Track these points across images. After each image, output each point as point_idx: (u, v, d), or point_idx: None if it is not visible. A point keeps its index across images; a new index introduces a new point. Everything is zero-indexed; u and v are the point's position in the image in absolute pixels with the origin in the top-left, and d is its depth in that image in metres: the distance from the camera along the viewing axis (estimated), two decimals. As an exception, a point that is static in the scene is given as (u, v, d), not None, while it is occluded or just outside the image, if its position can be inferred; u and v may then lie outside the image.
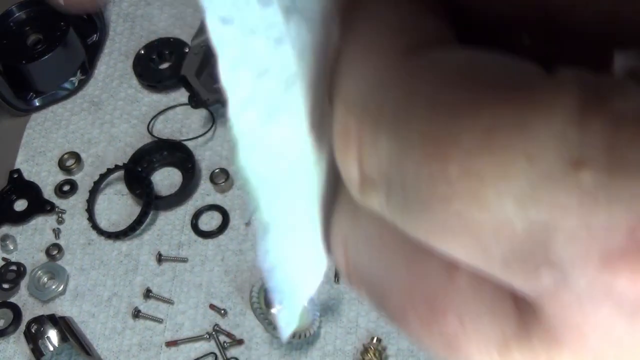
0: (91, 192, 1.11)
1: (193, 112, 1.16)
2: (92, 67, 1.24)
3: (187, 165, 1.12)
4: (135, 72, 1.21)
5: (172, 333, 1.01)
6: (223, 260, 1.05)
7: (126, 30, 1.27)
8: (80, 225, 1.10)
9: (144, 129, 1.17)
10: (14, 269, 1.07)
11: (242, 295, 1.02)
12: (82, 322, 1.03)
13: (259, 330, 0.99)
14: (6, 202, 1.12)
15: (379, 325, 0.99)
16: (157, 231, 1.09)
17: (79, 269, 1.07)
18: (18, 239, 1.10)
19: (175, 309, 1.03)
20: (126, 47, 1.25)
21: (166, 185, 1.13)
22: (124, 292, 1.05)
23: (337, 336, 0.99)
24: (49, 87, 1.21)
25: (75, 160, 1.15)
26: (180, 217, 1.09)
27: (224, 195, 1.10)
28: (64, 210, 1.11)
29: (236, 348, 0.99)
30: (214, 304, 1.02)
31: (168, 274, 1.05)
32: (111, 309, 1.04)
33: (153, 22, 1.27)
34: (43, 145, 1.18)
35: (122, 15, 1.29)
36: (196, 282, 1.04)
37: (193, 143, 1.14)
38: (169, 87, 1.20)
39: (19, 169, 1.15)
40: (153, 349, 1.01)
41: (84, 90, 1.22)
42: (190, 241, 1.07)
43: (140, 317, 1.02)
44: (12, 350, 1.02)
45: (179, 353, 1.00)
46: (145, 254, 1.07)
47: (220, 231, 1.07)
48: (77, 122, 1.20)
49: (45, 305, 1.05)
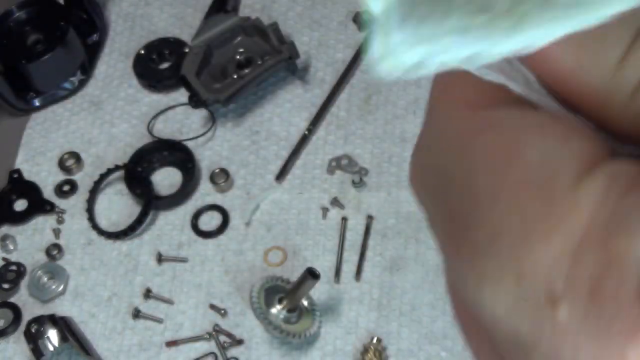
0: (91, 192, 1.11)
1: (193, 112, 1.16)
2: (92, 67, 1.24)
3: (187, 165, 1.12)
4: (135, 72, 1.21)
5: (172, 333, 1.01)
6: (223, 260, 1.05)
7: (126, 30, 1.27)
8: (80, 225, 1.10)
9: (144, 129, 1.17)
10: (14, 269, 1.07)
11: (242, 295, 1.02)
12: (82, 322, 1.03)
13: (259, 330, 0.99)
14: (6, 202, 1.12)
15: (379, 325, 0.99)
16: (157, 231, 1.09)
17: (79, 269, 1.07)
18: (18, 239, 1.10)
19: (175, 309, 1.03)
20: (126, 47, 1.25)
21: (166, 185, 1.13)
22: (124, 292, 1.05)
23: (337, 336, 0.99)
24: (49, 87, 1.21)
25: (75, 160, 1.15)
26: (180, 217, 1.09)
27: (224, 195, 1.10)
28: (64, 210, 1.11)
29: (236, 348, 0.99)
30: (214, 304, 1.02)
31: (168, 274, 1.05)
32: (111, 309, 1.04)
33: (153, 22, 1.27)
34: (43, 145, 1.18)
35: (122, 15, 1.29)
36: (196, 282, 1.04)
37: (193, 143, 1.14)
38: (169, 87, 1.20)
39: (19, 169, 1.15)
40: (153, 349, 1.01)
41: (84, 90, 1.22)
42: (190, 241, 1.07)
43: (140, 317, 1.02)
44: (12, 350, 1.02)
45: (179, 353, 1.00)
46: (145, 254, 1.07)
47: (220, 231, 1.07)
48: (77, 122, 1.20)
49: (45, 305, 1.05)
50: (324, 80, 1.17)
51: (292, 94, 1.17)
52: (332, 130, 1.13)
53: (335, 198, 1.07)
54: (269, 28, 1.13)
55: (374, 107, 1.14)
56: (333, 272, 1.03)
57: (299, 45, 1.15)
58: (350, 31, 1.21)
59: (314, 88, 1.17)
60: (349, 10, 1.23)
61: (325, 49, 1.20)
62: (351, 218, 1.06)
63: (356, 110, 1.14)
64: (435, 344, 0.97)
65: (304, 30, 1.22)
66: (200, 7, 1.26)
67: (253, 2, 1.26)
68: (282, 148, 1.13)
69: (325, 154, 1.11)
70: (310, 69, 1.19)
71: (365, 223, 1.05)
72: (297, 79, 1.18)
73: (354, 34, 1.21)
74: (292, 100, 1.16)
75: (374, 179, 1.08)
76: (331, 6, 1.24)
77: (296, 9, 1.25)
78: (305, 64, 1.19)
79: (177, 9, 1.28)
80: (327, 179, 1.09)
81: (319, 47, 1.20)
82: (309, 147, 1.12)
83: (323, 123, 1.14)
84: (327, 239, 1.05)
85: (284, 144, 1.13)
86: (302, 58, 1.16)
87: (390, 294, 1.00)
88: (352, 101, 1.15)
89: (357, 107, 1.15)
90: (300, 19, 1.23)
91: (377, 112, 1.14)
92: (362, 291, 1.01)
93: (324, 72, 1.18)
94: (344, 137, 1.12)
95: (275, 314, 0.93)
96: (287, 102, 1.16)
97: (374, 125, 1.12)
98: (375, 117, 1.13)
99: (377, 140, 1.11)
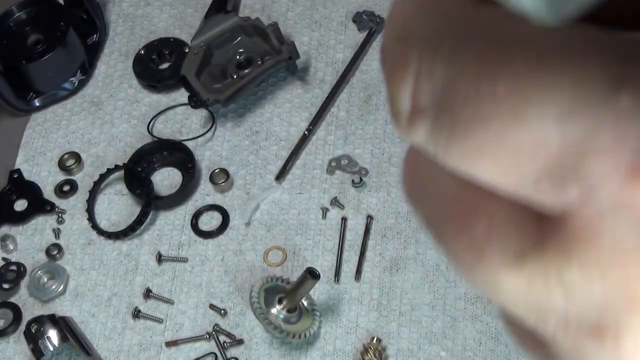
0: (91, 192, 1.11)
1: (193, 112, 1.16)
2: (92, 67, 1.24)
3: (187, 165, 1.12)
4: (135, 72, 1.21)
5: (172, 333, 1.02)
6: (223, 260, 1.05)
7: (126, 30, 1.27)
8: (80, 225, 1.10)
9: (144, 129, 1.17)
10: (14, 269, 1.07)
11: (242, 295, 1.02)
12: (82, 322, 1.03)
13: (259, 330, 0.99)
14: (6, 202, 1.12)
15: (379, 325, 0.99)
16: (157, 231, 1.09)
17: (79, 269, 1.07)
18: (18, 239, 1.10)
19: (175, 309, 1.03)
20: (126, 47, 1.25)
21: (166, 185, 1.13)
22: (124, 292, 1.05)
23: (337, 336, 0.99)
24: (49, 87, 1.21)
25: (75, 160, 1.15)
26: (180, 217, 1.09)
27: (224, 195, 1.10)
28: (64, 210, 1.11)
29: (236, 348, 0.99)
30: (214, 304, 1.02)
31: (168, 274, 1.05)
32: (111, 309, 1.04)
33: (153, 22, 1.27)
34: (43, 145, 1.18)
35: (122, 15, 1.29)
36: (196, 282, 1.04)
37: (193, 143, 1.14)
38: (169, 87, 1.20)
39: (19, 169, 1.15)
40: (153, 349, 1.01)
41: (84, 90, 1.22)
42: (190, 241, 1.08)
43: (140, 317, 1.02)
44: (12, 350, 1.02)
45: (179, 353, 1.00)
46: (145, 254, 1.07)
47: (220, 231, 1.07)
48: (77, 122, 1.20)
49: (45, 305, 1.05)
50: (324, 80, 1.17)
51: (292, 94, 1.17)
52: (332, 130, 1.13)
53: (335, 198, 1.07)
54: (269, 28, 1.13)
55: (374, 107, 1.14)
56: (333, 272, 1.03)
57: (299, 45, 1.15)
58: (350, 31, 1.21)
59: (314, 88, 1.17)
60: (349, 10, 1.23)
61: (325, 49, 1.20)
62: (351, 218, 1.06)
63: (356, 110, 1.14)
64: (435, 344, 0.97)
65: (304, 30, 1.22)
66: (200, 7, 1.26)
67: (253, 2, 1.26)
68: (282, 148, 1.13)
69: (325, 154, 1.11)
70: (310, 69, 1.19)
71: (365, 223, 1.05)
72: (297, 79, 1.18)
73: (354, 34, 1.21)
74: (292, 100, 1.17)
75: (373, 179, 1.08)
76: (331, 6, 1.24)
77: (296, 9, 1.25)
78: (305, 64, 1.19)
79: (177, 9, 1.28)
80: (327, 179, 1.09)
81: (319, 47, 1.20)
82: (309, 147, 1.12)
83: (323, 123, 1.14)
84: (327, 239, 1.05)
85: (284, 144, 1.13)
86: (302, 58, 1.16)
87: (390, 294, 1.00)
88: (352, 101, 1.15)
89: (357, 107, 1.15)
90: (300, 19, 1.23)
91: (377, 112, 1.14)
92: (362, 291, 1.01)
93: (324, 72, 1.18)
94: (344, 137, 1.12)
95: (275, 314, 0.93)
96: (287, 102, 1.16)
97: (373, 126, 1.13)
98: (375, 117, 1.13)
99: (377, 140, 1.11)
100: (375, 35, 1.20)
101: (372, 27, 1.20)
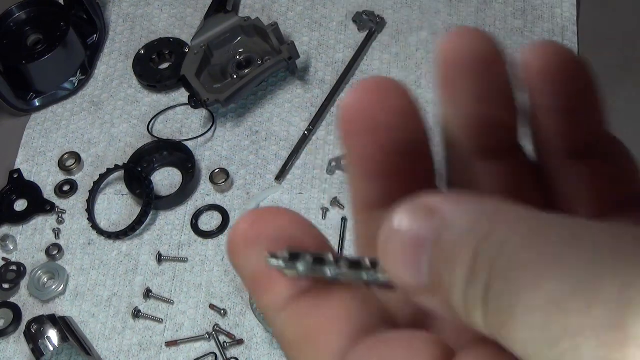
0: (91, 192, 1.11)
1: (193, 112, 1.16)
2: (92, 67, 1.24)
3: (187, 165, 1.12)
4: (135, 72, 1.21)
5: (172, 333, 1.02)
6: (223, 260, 1.05)
7: (126, 30, 1.27)
8: (80, 225, 1.10)
9: (144, 129, 1.17)
10: (14, 269, 1.07)
11: (242, 295, 1.02)
12: (82, 322, 1.03)
13: (259, 330, 0.99)
14: (6, 202, 1.12)
15: (379, 325, 0.98)
16: (157, 231, 1.09)
17: (79, 269, 1.07)
18: (18, 239, 1.10)
19: (175, 309, 1.03)
20: (126, 47, 1.25)
21: (166, 185, 1.13)
22: (124, 292, 1.05)
23: (337, 336, 0.99)
24: (49, 87, 1.21)
25: (75, 160, 1.15)
26: (180, 217, 1.09)
27: (224, 195, 1.10)
28: (64, 210, 1.11)
29: (236, 348, 0.99)
30: (214, 304, 1.02)
31: (168, 274, 1.05)
32: (111, 309, 1.04)
33: (153, 22, 1.27)
34: (43, 145, 1.18)
35: (122, 15, 1.29)
36: (196, 282, 1.04)
37: (193, 143, 1.14)
38: (169, 87, 1.20)
39: (19, 169, 1.15)
40: (153, 349, 1.01)
41: (84, 90, 1.22)
42: (190, 241, 1.08)
43: (140, 317, 1.03)
44: (12, 350, 1.02)
45: (179, 353, 1.00)
46: (145, 254, 1.07)
47: (220, 231, 1.07)
48: (77, 122, 1.20)
49: (45, 305, 1.05)
50: (324, 80, 1.17)
51: (292, 94, 1.17)
52: (332, 130, 1.13)
53: (335, 198, 1.07)
54: (269, 28, 1.13)
55: (374, 107, 1.14)
56: (333, 272, 1.02)
57: (299, 45, 1.15)
58: (350, 31, 1.21)
59: (314, 88, 1.17)
60: (349, 10, 1.23)
61: (325, 49, 1.20)
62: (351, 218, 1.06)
63: (356, 110, 1.14)
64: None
65: (304, 31, 1.22)
66: (200, 7, 1.26)
67: (253, 2, 1.26)
68: (282, 148, 1.13)
69: (325, 154, 1.11)
70: (310, 69, 1.19)
71: (365, 223, 1.05)
72: (297, 79, 1.18)
73: (354, 34, 1.21)
74: (292, 100, 1.17)
75: (373, 179, 1.08)
76: (331, 6, 1.24)
77: (296, 9, 1.25)
78: (305, 64, 1.19)
79: (177, 9, 1.28)
80: (327, 179, 1.09)
81: (319, 47, 1.20)
82: (309, 147, 1.12)
83: (323, 123, 1.14)
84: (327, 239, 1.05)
85: (283, 144, 1.13)
86: (302, 58, 1.16)
87: (390, 294, 1.00)
88: (352, 101, 1.15)
89: (357, 107, 1.14)
90: (300, 19, 1.23)
91: (377, 112, 1.13)
92: (362, 291, 1.01)
93: (324, 72, 1.18)
94: (344, 137, 1.12)
95: (275, 314, 0.93)
96: (287, 102, 1.16)
97: (373, 125, 1.12)
98: (375, 117, 1.13)
99: (377, 140, 1.11)
100: (375, 35, 1.20)
101: (372, 27, 1.20)
